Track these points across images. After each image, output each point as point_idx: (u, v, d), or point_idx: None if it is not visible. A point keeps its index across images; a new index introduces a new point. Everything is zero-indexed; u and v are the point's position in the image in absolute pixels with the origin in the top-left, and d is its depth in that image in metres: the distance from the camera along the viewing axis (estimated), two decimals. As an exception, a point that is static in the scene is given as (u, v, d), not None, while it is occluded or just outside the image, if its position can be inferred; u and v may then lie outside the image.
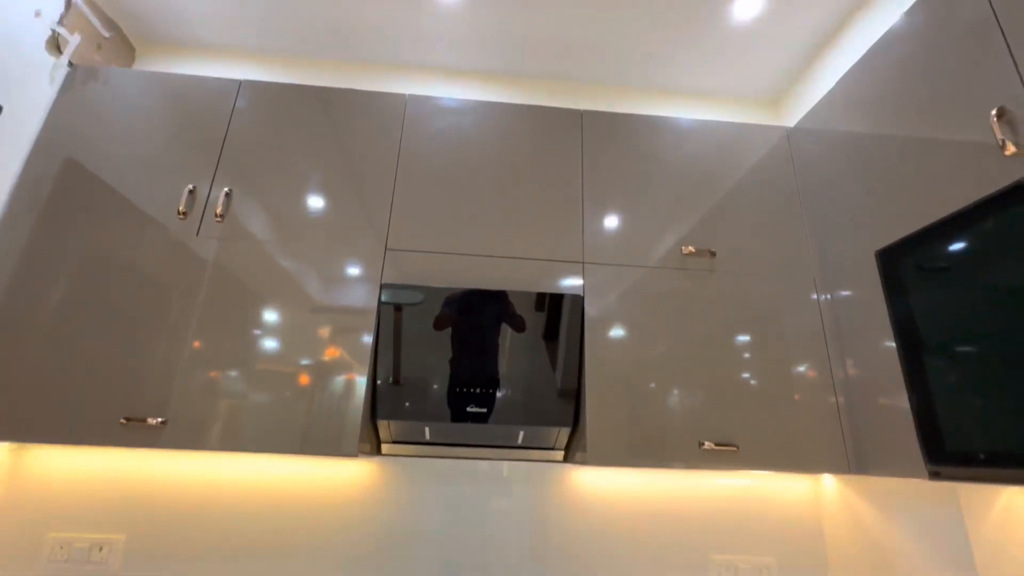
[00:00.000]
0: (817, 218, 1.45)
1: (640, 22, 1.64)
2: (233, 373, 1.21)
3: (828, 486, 1.50)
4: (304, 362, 1.23)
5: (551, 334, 1.33)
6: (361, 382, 1.22)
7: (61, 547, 1.29)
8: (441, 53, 1.82)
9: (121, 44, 1.71)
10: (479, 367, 1.30)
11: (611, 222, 1.45)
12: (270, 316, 1.26)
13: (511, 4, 1.60)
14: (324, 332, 1.26)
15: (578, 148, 1.52)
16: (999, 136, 0.88)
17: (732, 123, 1.61)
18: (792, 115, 1.87)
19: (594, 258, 1.41)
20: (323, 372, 1.23)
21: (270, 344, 1.24)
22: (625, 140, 1.55)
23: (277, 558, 1.34)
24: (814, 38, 1.69)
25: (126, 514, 1.33)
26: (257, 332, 1.25)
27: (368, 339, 1.26)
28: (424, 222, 1.40)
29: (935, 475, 0.99)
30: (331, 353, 1.25)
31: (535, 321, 1.32)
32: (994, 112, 0.89)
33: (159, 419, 1.14)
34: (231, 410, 1.18)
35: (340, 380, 1.23)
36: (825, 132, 1.43)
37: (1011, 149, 0.86)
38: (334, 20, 1.70)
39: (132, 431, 1.14)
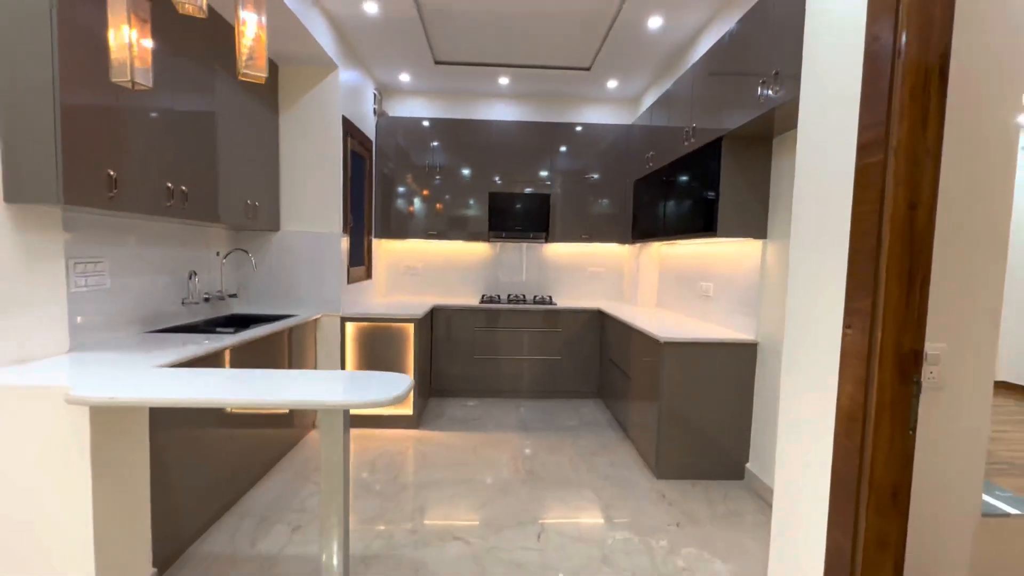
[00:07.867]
0: (631, 161, 4.40)
1: (579, 81, 4.31)
2: (447, 212, 4.38)
3: (628, 246, 4.78)
4: (474, 214, 4.39)
5: (540, 212, 4.42)
6: (484, 222, 4.39)
7: (405, 268, 4.67)
8: (502, 94, 4.50)
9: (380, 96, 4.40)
10: (522, 215, 4.42)
11: (562, 162, 4.42)
12: (468, 206, 4.36)
13: (528, 81, 4.24)
14: (477, 212, 4.38)
15: (551, 143, 4.39)
16: (686, 139, 3.87)
17: (607, 124, 4.43)
18: (641, 108, 4.61)
19: (556, 183, 4.43)
20: (473, 219, 4.39)
21: (460, 217, 4.37)
22: (567, 132, 4.40)
23: (453, 268, 4.73)
24: (645, 82, 4.35)
25: (430, 258, 4.69)
26: (463, 209, 4.37)
27: (486, 212, 4.38)
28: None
29: (633, 242, 4.22)
30: (478, 213, 4.38)
31: (534, 207, 4.41)
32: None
33: (435, 232, 4.35)
34: (454, 222, 4.38)
35: (478, 219, 4.39)
36: (641, 126, 4.26)
37: (691, 141, 3.87)
38: (459, 84, 4.35)
39: (430, 235, 4.36)
